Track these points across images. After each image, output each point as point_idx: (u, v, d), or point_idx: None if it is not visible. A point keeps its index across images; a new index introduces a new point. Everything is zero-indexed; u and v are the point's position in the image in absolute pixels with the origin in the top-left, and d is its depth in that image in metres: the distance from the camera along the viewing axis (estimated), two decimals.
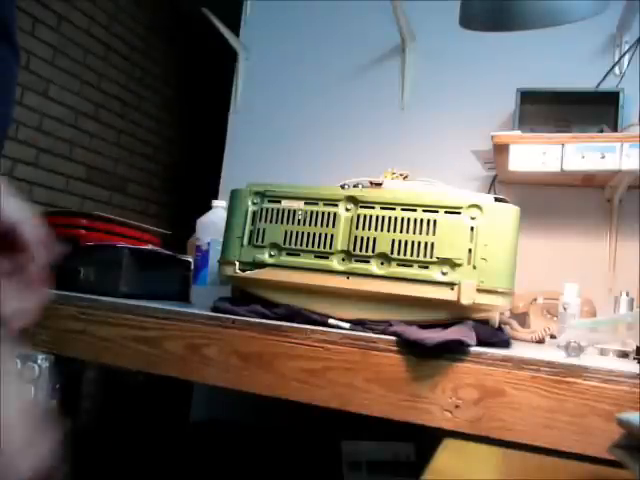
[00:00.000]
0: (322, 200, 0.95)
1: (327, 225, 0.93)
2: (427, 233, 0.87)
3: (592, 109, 1.46)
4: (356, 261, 0.91)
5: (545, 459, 0.55)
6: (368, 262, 0.90)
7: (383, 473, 1.47)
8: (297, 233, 0.95)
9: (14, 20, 0.60)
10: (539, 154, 1.26)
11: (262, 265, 0.96)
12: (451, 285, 0.85)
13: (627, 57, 1.52)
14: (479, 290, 0.83)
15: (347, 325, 0.88)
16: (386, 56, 1.81)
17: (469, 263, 0.85)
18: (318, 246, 0.93)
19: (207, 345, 0.90)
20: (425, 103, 1.74)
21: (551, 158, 1.25)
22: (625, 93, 1.43)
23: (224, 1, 2.07)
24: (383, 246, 0.89)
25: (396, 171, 1.20)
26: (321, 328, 0.86)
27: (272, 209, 0.97)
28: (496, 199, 0.89)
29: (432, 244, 0.87)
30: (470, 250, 0.85)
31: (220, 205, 1.25)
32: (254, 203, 0.99)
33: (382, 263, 0.89)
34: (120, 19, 2.76)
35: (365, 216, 0.91)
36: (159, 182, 3.14)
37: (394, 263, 0.88)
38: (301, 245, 0.94)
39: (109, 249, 1.12)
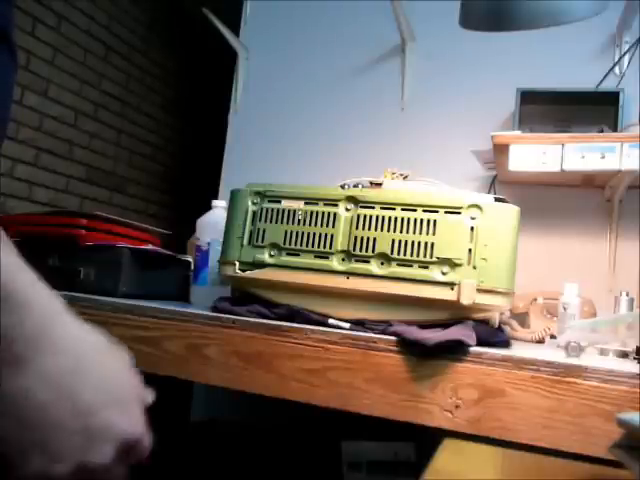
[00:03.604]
0: (322, 200, 0.95)
1: (327, 225, 0.93)
2: (427, 233, 0.87)
3: (592, 109, 1.46)
4: (356, 261, 0.91)
5: (545, 459, 0.55)
6: (368, 262, 0.90)
7: (383, 473, 1.47)
8: (297, 233, 0.95)
9: (11, 20, 0.60)
10: (539, 154, 1.26)
11: (262, 265, 0.96)
12: (451, 285, 0.85)
13: (627, 57, 1.52)
14: (479, 290, 0.83)
15: (347, 325, 0.88)
16: (386, 56, 1.81)
17: (469, 263, 0.85)
18: (318, 246, 0.93)
19: (207, 345, 0.90)
20: (425, 103, 1.74)
21: (551, 158, 1.25)
22: (625, 93, 1.43)
23: (224, 1, 2.07)
24: (383, 246, 0.89)
25: (396, 171, 1.19)
26: (321, 328, 0.86)
27: (272, 209, 0.97)
28: (496, 199, 0.89)
29: (432, 244, 0.87)
30: (470, 250, 0.85)
31: (220, 205, 1.25)
32: (254, 203, 0.99)
33: (382, 263, 0.89)
34: (120, 19, 2.76)
35: (365, 216, 0.91)
36: (159, 182, 3.14)
37: (394, 263, 0.88)
38: (301, 245, 0.94)
39: (109, 249, 1.12)
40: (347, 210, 0.93)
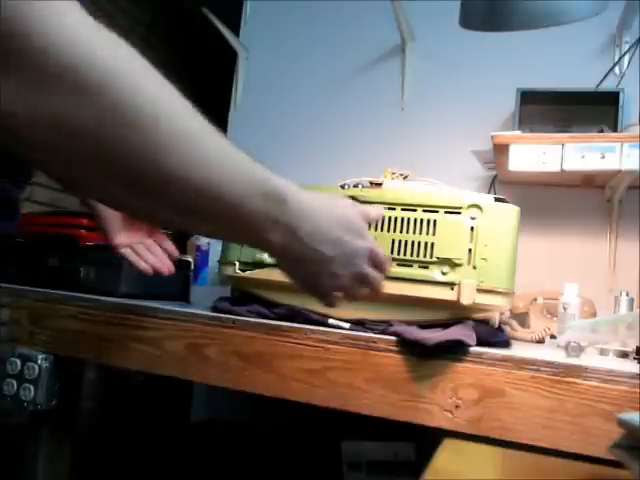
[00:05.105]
0: None
1: None
2: (427, 233, 0.87)
3: (592, 109, 1.46)
4: None
5: (545, 459, 0.56)
6: None
7: (383, 473, 1.47)
8: None
9: None
10: (539, 154, 1.26)
11: (262, 265, 0.96)
12: (451, 285, 0.85)
13: (627, 57, 1.52)
14: (479, 290, 0.83)
15: (347, 325, 0.88)
16: (386, 56, 1.81)
17: (469, 263, 0.85)
18: None
19: (207, 345, 0.90)
20: (425, 103, 1.74)
21: (551, 158, 1.25)
22: (625, 93, 1.43)
23: (224, 1, 2.07)
24: (383, 246, 0.89)
25: (396, 171, 1.19)
26: (321, 328, 0.86)
27: None
28: (496, 199, 0.89)
29: (432, 244, 0.87)
30: (470, 250, 0.85)
31: None
32: None
33: None
34: (120, 19, 2.76)
35: None
36: None
37: (394, 263, 0.88)
38: None
39: (109, 249, 1.12)
40: None
